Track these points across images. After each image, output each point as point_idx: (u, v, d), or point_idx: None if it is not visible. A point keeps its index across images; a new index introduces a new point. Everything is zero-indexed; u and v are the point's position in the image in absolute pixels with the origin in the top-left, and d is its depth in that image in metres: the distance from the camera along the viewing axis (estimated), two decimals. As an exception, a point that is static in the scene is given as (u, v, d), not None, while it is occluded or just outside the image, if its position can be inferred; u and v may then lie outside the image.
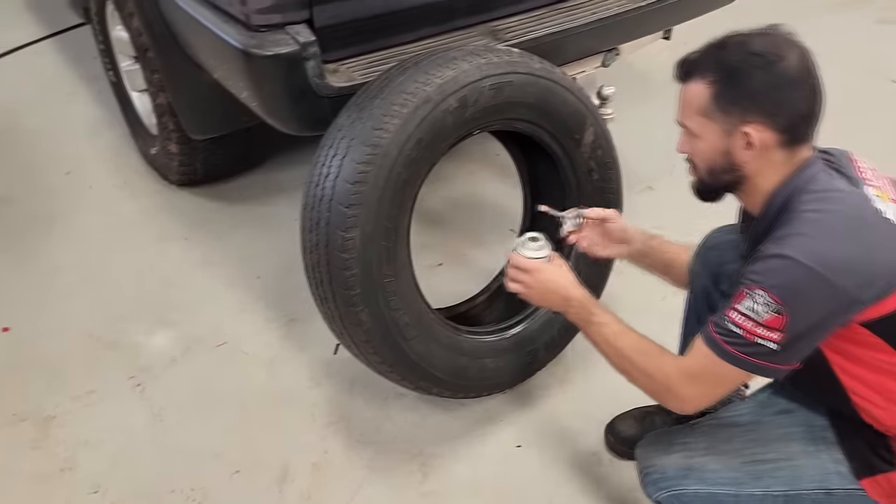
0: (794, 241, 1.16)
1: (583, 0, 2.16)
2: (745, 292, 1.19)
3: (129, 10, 2.23)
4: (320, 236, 1.58)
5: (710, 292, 1.59)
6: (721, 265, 1.54)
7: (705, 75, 1.24)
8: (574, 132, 1.82)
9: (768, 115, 1.21)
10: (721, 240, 1.55)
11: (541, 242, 1.53)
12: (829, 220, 1.18)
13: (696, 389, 1.29)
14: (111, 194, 2.68)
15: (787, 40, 1.24)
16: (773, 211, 1.25)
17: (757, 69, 1.20)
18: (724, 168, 1.28)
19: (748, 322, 1.18)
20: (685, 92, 1.29)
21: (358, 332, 1.65)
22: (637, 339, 1.38)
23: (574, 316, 1.47)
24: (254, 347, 2.11)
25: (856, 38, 3.74)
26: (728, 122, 1.23)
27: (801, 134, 1.24)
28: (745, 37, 1.23)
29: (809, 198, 1.20)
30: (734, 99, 1.22)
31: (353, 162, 1.55)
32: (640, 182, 2.55)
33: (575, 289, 1.47)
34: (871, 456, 1.29)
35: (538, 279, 1.49)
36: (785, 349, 1.18)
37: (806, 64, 1.22)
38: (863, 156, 1.30)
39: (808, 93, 1.22)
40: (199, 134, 2.37)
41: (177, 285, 2.31)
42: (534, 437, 1.87)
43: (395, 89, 1.59)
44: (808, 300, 1.15)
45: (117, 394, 1.97)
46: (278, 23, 1.70)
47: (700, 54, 1.27)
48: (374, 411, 1.93)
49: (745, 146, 1.23)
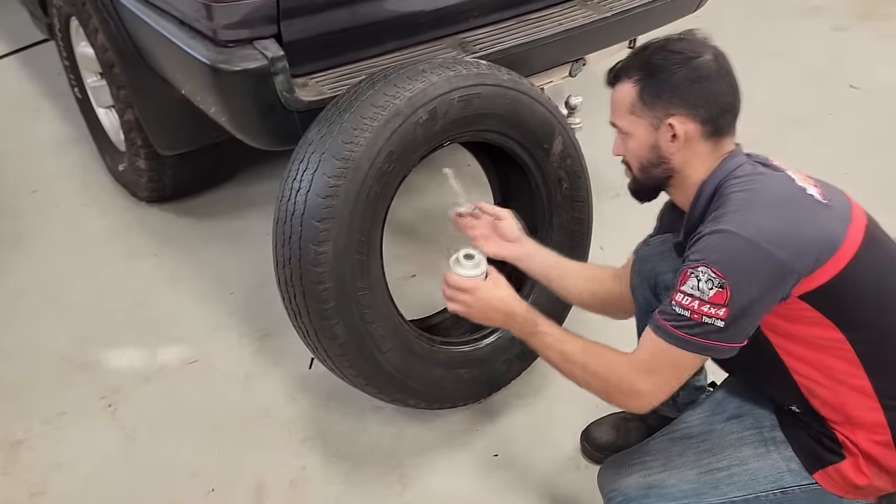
0: (729, 217, 1.22)
1: (549, 12, 2.19)
2: (688, 272, 1.22)
3: (93, 26, 2.21)
4: (293, 251, 1.58)
5: (651, 304, 1.61)
6: (657, 276, 1.57)
7: (631, 75, 1.34)
8: (543, 142, 1.84)
9: (690, 106, 1.30)
10: (653, 252, 1.59)
11: (476, 259, 1.49)
12: (758, 197, 1.25)
13: (650, 381, 1.28)
14: (78, 212, 2.65)
15: (703, 42, 1.35)
16: (704, 200, 1.32)
17: (676, 65, 1.30)
18: (654, 162, 1.36)
19: (694, 302, 1.21)
20: (614, 94, 1.39)
21: (333, 346, 1.64)
22: (583, 343, 1.38)
23: (518, 330, 1.46)
24: (227, 364, 2.09)
25: (815, 44, 3.84)
26: (654, 115, 1.32)
27: (722, 126, 1.32)
28: (665, 40, 1.35)
29: (737, 182, 1.28)
30: (657, 93, 1.31)
31: (324, 176, 1.55)
32: (608, 189, 2.58)
33: (515, 303, 1.46)
34: (819, 448, 1.33)
35: (477, 297, 1.47)
36: (730, 325, 1.21)
37: (721, 62, 1.33)
38: (823, 159, 1.35)
39: (725, 87, 1.31)
40: (168, 150, 2.35)
41: (147, 303, 2.28)
42: (510, 446, 1.88)
43: (365, 103, 1.60)
44: (748, 270, 1.19)
45: (88, 415, 1.94)
46: (246, 38, 1.70)
47: (626, 60, 1.38)
48: (350, 425, 1.93)
49: (671, 139, 1.32)
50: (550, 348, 1.40)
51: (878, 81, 3.49)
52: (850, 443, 1.31)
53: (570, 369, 1.38)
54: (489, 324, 1.51)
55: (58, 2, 2.48)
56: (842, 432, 1.32)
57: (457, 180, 1.70)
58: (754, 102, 3.23)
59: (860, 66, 3.63)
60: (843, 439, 1.31)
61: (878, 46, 3.85)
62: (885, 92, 3.41)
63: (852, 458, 1.31)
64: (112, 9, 2.06)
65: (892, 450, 1.29)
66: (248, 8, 1.67)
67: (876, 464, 1.30)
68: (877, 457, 1.30)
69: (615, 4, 2.25)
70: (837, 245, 1.24)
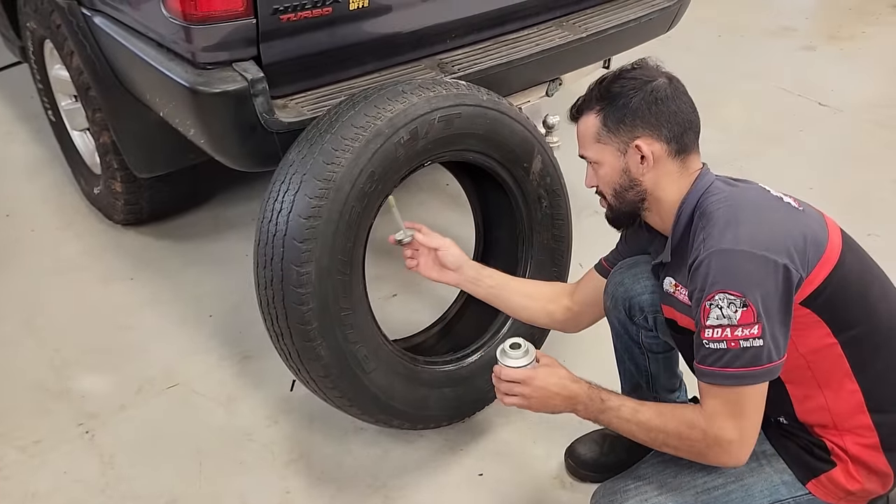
0: (719, 235, 1.24)
1: (526, 32, 2.22)
2: (706, 305, 1.22)
3: (68, 49, 2.20)
4: (275, 272, 1.57)
5: (627, 326, 1.65)
6: (630, 298, 1.59)
7: (592, 107, 1.41)
8: (523, 161, 1.86)
9: (653, 127, 1.35)
10: (625, 275, 1.60)
11: (524, 347, 1.40)
12: (741, 209, 1.28)
13: (733, 427, 1.24)
14: (54, 236, 2.61)
15: (656, 69, 1.41)
16: (685, 219, 1.35)
17: (633, 90, 1.36)
18: (626, 186, 1.39)
19: (725, 331, 1.21)
20: (579, 127, 1.44)
21: (316, 367, 1.63)
22: (655, 406, 1.35)
23: (584, 411, 1.38)
24: (207, 387, 2.07)
25: (784, 63, 3.93)
26: (620, 141, 1.37)
27: (686, 143, 1.37)
28: (620, 70, 1.41)
29: (715, 199, 1.31)
30: (620, 119, 1.36)
31: (305, 197, 1.55)
32: (587, 207, 2.60)
33: (575, 384, 1.38)
34: (809, 458, 1.35)
35: (535, 387, 1.38)
36: (768, 340, 1.20)
37: (675, 84, 1.39)
38: (795, 174, 1.38)
39: (683, 106, 1.37)
40: (145, 172, 2.33)
41: (124, 327, 2.25)
42: (495, 465, 1.87)
43: (346, 123, 1.60)
44: (759, 279, 1.20)
45: (65, 442, 1.91)
46: (225, 60, 1.71)
47: (586, 94, 1.43)
48: (334, 447, 1.91)
49: (640, 160, 1.36)
50: (627, 422, 1.34)
51: (844, 99, 3.57)
52: (838, 449, 1.33)
53: (651, 436, 1.32)
54: (551, 412, 1.42)
55: (31, 25, 2.46)
56: (829, 439, 1.33)
57: (398, 209, 1.72)
58: (728, 120, 3.34)
59: (828, 84, 3.72)
60: (832, 446, 1.33)
61: (844, 65, 3.95)
62: (852, 109, 3.50)
63: (842, 464, 1.32)
64: (88, 32, 2.05)
65: (879, 452, 1.31)
66: (228, 30, 1.67)
67: (865, 467, 1.32)
68: (866, 460, 1.32)
69: (590, 25, 2.29)
70: (824, 245, 1.27)
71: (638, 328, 1.64)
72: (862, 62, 3.99)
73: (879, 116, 3.45)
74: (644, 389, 1.74)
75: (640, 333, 1.65)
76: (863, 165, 3.08)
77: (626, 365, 1.73)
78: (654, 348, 1.67)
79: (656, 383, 1.73)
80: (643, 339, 1.66)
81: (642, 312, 1.60)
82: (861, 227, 1.53)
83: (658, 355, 1.69)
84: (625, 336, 1.68)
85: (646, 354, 1.69)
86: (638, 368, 1.72)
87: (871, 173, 3.03)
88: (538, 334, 1.98)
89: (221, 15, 1.65)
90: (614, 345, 1.73)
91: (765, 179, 1.43)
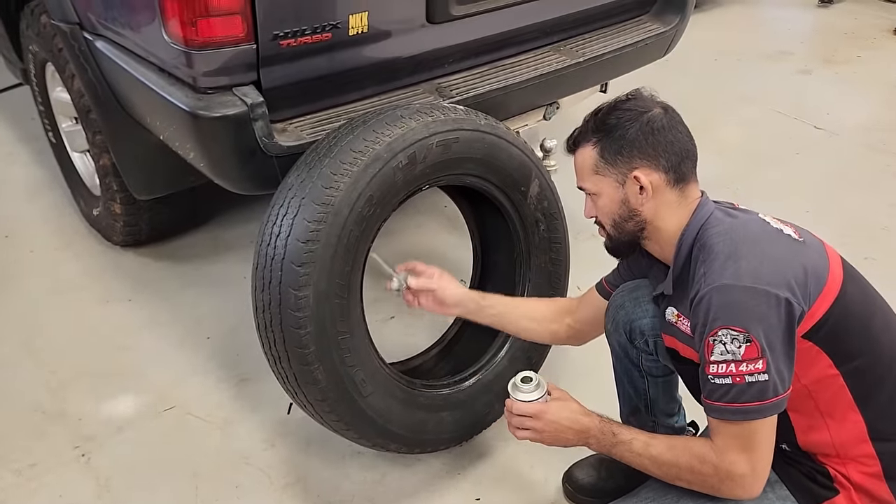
0: (720, 270, 1.24)
1: (524, 57, 2.24)
2: (710, 341, 1.23)
3: (69, 72, 2.22)
4: (273, 296, 1.57)
5: (627, 349, 1.66)
6: (631, 322, 1.61)
7: (589, 139, 1.41)
8: (520, 185, 1.87)
9: (650, 157, 1.35)
10: (626, 299, 1.62)
11: (535, 381, 1.43)
12: (741, 243, 1.28)
13: (744, 460, 1.24)
14: (53, 257, 2.62)
15: (651, 99, 1.41)
16: (686, 250, 1.35)
17: (630, 122, 1.37)
18: (625, 216, 1.39)
19: (730, 366, 1.21)
20: (576, 158, 1.44)
21: (313, 391, 1.63)
22: (666, 440, 1.35)
23: (596, 444, 1.40)
24: (204, 410, 2.06)
25: (781, 87, 3.97)
26: (618, 172, 1.37)
27: (684, 172, 1.37)
28: (615, 101, 1.41)
29: (715, 231, 1.31)
30: (617, 150, 1.37)
31: (304, 221, 1.56)
32: (584, 230, 2.61)
33: (587, 418, 1.40)
34: (812, 485, 1.34)
35: (546, 421, 1.41)
36: (773, 374, 1.21)
37: (671, 114, 1.39)
38: (792, 197, 1.39)
39: (680, 136, 1.37)
40: (145, 194, 2.34)
41: (122, 349, 2.25)
42: (493, 489, 1.86)
43: (345, 148, 1.62)
44: (761, 314, 1.20)
45: (61, 465, 1.90)
46: (226, 84, 1.72)
47: (582, 126, 1.43)
48: (331, 471, 1.90)
49: (639, 191, 1.36)
50: (639, 456, 1.34)
51: (840, 122, 3.60)
52: (841, 476, 1.32)
53: (663, 469, 1.33)
54: (563, 445, 1.44)
55: (33, 48, 2.48)
56: (833, 466, 1.33)
57: (382, 260, 1.74)
58: (727, 143, 3.36)
59: (824, 107, 3.75)
60: (835, 473, 1.33)
61: (839, 88, 3.99)
62: (847, 132, 3.53)
63: (845, 491, 1.32)
64: (89, 55, 2.06)
65: (882, 481, 1.31)
66: (228, 55, 1.69)
67: (868, 495, 1.32)
68: (868, 488, 1.31)
69: (587, 50, 2.32)
70: (825, 278, 1.27)
71: (638, 352, 1.64)
72: (857, 86, 4.03)
73: (874, 140, 3.48)
74: (643, 413, 1.74)
75: (640, 357, 1.65)
76: (859, 189, 3.10)
77: (626, 388, 1.73)
78: (654, 372, 1.67)
79: (655, 407, 1.73)
80: (643, 362, 1.66)
81: (643, 336, 1.61)
82: (858, 251, 1.55)
83: (658, 379, 1.69)
84: (625, 359, 1.68)
85: (645, 378, 1.69)
86: (637, 392, 1.72)
87: (867, 197, 3.04)
88: (535, 357, 1.98)
89: (222, 41, 1.66)
90: (614, 367, 1.73)
91: (761, 203, 1.44)
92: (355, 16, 1.81)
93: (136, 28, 1.86)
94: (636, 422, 1.77)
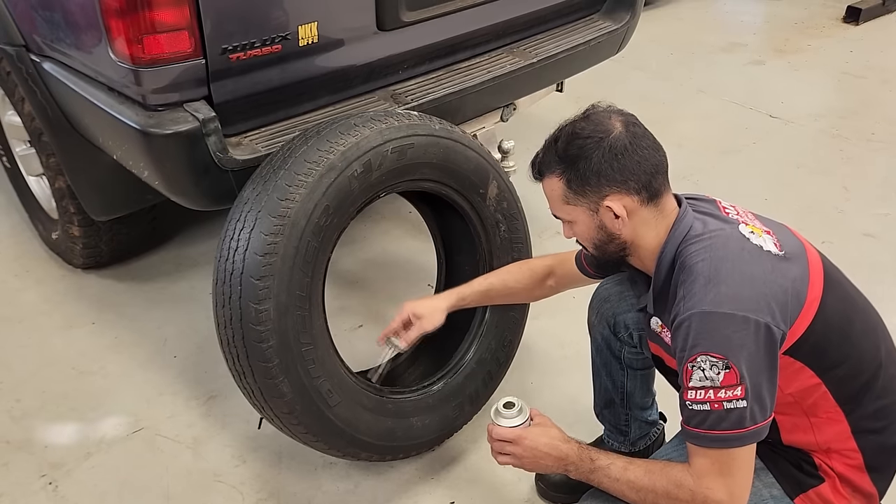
0: (700, 295, 1.22)
1: (477, 60, 2.26)
2: (688, 367, 1.22)
3: (19, 95, 2.18)
4: (233, 310, 1.56)
5: (610, 341, 1.68)
6: (616, 315, 1.62)
7: (553, 170, 1.36)
8: (479, 187, 1.88)
9: (618, 183, 1.31)
10: (611, 291, 1.63)
11: (518, 406, 1.43)
12: (721, 264, 1.24)
13: (722, 486, 1.22)
14: (11, 284, 2.57)
15: (608, 113, 1.35)
16: (665, 268, 1.33)
17: (591, 150, 1.31)
18: (605, 240, 1.37)
19: (708, 392, 1.20)
20: (544, 188, 1.40)
21: (279, 404, 1.62)
22: (644, 464, 1.33)
23: (575, 471, 1.38)
24: (174, 430, 2.04)
25: (735, 78, 4.03)
26: (589, 201, 1.34)
27: (656, 188, 1.33)
28: (573, 126, 1.35)
29: (694, 249, 1.28)
30: (584, 181, 1.32)
31: (261, 234, 1.55)
32: (548, 228, 2.64)
33: (566, 445, 1.39)
34: (798, 473, 1.35)
35: (525, 447, 1.39)
36: (753, 401, 1.19)
37: (632, 129, 1.33)
38: (751, 186, 1.40)
39: (646, 152, 1.32)
40: (103, 215, 2.32)
41: (87, 373, 2.22)
42: (467, 491, 1.87)
43: (299, 159, 1.61)
44: (741, 341, 1.19)
45: (28, 495, 1.86)
46: (176, 101, 1.71)
47: (543, 153, 1.39)
48: (304, 484, 1.89)
49: (613, 218, 1.33)
50: (616, 481, 1.32)
51: (794, 110, 3.67)
52: (826, 466, 1.34)
53: (639, 495, 1.30)
54: (542, 471, 1.43)
55: (-18, 72, 2.44)
56: (818, 457, 1.35)
57: (383, 363, 1.84)
58: (683, 135, 3.41)
59: (778, 96, 3.82)
60: (820, 462, 1.34)
61: (792, 77, 4.06)
62: (801, 120, 3.59)
63: (830, 480, 1.34)
64: (38, 77, 2.04)
65: (864, 473, 1.33)
66: (177, 71, 1.67)
67: (850, 485, 1.34)
68: (851, 479, 1.33)
69: (540, 51, 2.34)
70: (804, 294, 1.26)
71: (622, 344, 1.66)
72: (809, 74, 4.11)
73: (827, 125, 3.55)
74: (617, 405, 1.76)
75: (622, 350, 1.67)
76: (814, 174, 3.16)
77: (603, 380, 1.75)
78: (635, 364, 1.69)
79: (630, 400, 1.75)
80: (625, 355, 1.68)
81: (627, 330, 1.62)
82: (815, 236, 1.57)
83: (637, 372, 1.71)
84: (606, 351, 1.69)
85: (625, 370, 1.71)
86: (614, 384, 1.73)
87: (822, 181, 3.11)
88: (503, 358, 1.99)
89: (170, 57, 1.65)
90: (592, 359, 1.74)
91: (720, 192, 1.44)
92: (304, 26, 1.81)
93: (82, 48, 1.84)
94: (610, 414, 1.79)
